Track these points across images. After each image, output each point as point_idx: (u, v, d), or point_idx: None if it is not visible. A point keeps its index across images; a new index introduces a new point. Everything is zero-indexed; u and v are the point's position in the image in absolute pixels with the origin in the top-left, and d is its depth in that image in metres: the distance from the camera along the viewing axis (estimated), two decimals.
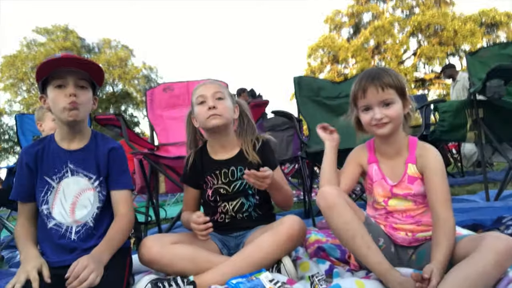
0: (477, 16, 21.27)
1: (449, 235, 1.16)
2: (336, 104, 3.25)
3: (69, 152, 1.41)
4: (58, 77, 1.33)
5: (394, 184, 1.33)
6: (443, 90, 22.63)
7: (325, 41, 24.06)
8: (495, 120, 2.84)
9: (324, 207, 1.26)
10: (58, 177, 1.39)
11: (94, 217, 1.40)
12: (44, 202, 1.38)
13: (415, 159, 1.31)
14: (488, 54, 3.13)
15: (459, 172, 5.22)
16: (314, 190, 4.71)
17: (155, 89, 3.18)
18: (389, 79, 1.28)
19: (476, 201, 2.81)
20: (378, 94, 1.28)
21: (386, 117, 1.28)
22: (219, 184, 1.65)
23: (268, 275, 1.31)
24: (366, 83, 1.29)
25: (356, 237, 1.20)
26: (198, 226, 1.43)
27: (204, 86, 1.66)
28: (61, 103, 1.33)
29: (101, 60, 22.53)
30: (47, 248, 1.36)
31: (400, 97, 1.29)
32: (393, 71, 1.33)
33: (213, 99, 1.61)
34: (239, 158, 1.66)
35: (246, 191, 1.64)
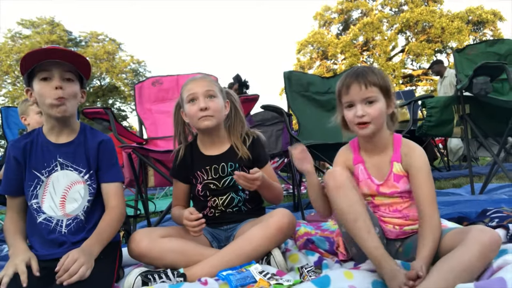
0: (464, 14, 21.53)
1: (434, 231, 1.18)
2: (325, 99, 3.27)
3: (58, 145, 1.40)
4: (43, 69, 1.31)
5: (380, 183, 1.34)
6: (430, 86, 22.91)
7: (315, 37, 24.09)
8: (481, 116, 2.90)
9: (332, 187, 1.25)
10: (47, 171, 1.37)
11: (85, 210, 1.39)
12: (33, 196, 1.36)
13: (400, 157, 1.32)
14: (475, 51, 3.19)
15: (445, 166, 5.31)
16: (303, 184, 4.75)
17: (144, 82, 3.16)
18: (374, 78, 1.28)
19: (462, 195, 2.87)
20: (361, 92, 1.27)
21: (368, 115, 1.27)
22: (208, 180, 1.64)
23: (258, 267, 1.32)
24: (350, 79, 1.30)
25: (358, 220, 1.20)
26: (190, 223, 1.43)
27: (195, 82, 1.62)
28: (47, 98, 1.31)
29: (88, 53, 22.18)
30: (36, 242, 1.35)
31: (384, 96, 1.29)
32: (379, 70, 1.33)
33: (205, 98, 1.58)
34: (229, 153, 1.66)
35: (236, 186, 1.63)
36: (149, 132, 2.99)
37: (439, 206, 2.12)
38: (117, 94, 24.19)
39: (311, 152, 2.52)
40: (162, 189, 5.80)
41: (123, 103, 24.76)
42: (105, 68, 22.60)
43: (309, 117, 3.16)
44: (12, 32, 21.28)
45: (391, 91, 1.31)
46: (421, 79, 23.85)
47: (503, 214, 1.62)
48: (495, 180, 3.53)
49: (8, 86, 21.57)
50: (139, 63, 24.48)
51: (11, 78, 21.32)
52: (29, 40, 21.23)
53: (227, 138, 1.70)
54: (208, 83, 1.61)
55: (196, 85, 1.60)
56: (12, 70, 20.81)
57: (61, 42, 21.57)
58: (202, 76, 1.67)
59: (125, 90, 23.93)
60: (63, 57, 1.32)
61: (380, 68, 1.41)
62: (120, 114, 24.07)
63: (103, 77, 23.65)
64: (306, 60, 24.67)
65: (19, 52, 20.41)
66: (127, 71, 23.99)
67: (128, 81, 23.88)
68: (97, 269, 1.22)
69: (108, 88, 23.88)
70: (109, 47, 23.09)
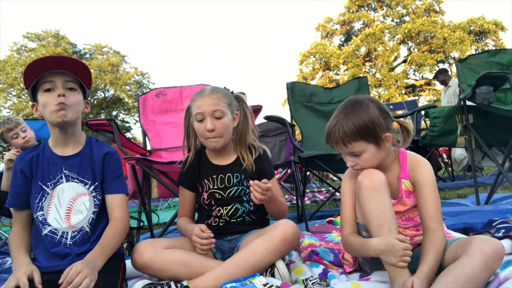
0: (466, 24, 21.66)
1: (437, 245, 1.17)
2: (328, 109, 3.28)
3: (63, 158, 1.40)
4: (46, 81, 1.33)
5: (394, 202, 1.32)
6: (433, 96, 22.92)
7: (317, 48, 24.27)
8: (485, 126, 2.89)
9: (367, 187, 1.21)
10: (53, 183, 1.38)
11: (90, 222, 1.38)
12: (39, 208, 1.36)
13: (407, 174, 1.30)
14: (477, 61, 3.19)
15: (450, 176, 5.28)
16: (307, 195, 4.74)
17: (148, 94, 3.18)
18: (351, 133, 1.22)
19: (467, 205, 2.85)
20: (342, 149, 1.28)
21: (358, 164, 1.27)
22: (214, 189, 1.64)
23: (262, 279, 1.31)
24: (329, 137, 1.28)
25: (383, 227, 1.16)
26: (200, 240, 1.42)
27: (203, 99, 1.58)
28: (49, 106, 1.32)
29: (92, 65, 22.41)
30: (40, 254, 1.34)
31: (372, 142, 1.23)
32: (360, 112, 1.23)
33: (212, 119, 1.55)
34: (236, 164, 1.66)
35: (241, 197, 1.63)
36: (153, 143, 3.00)
37: (444, 216, 2.12)
38: (121, 105, 24.37)
39: (315, 162, 2.52)
40: (166, 200, 5.80)
41: (127, 114, 24.93)
42: (109, 80, 22.81)
43: (312, 128, 3.16)
44: (17, 45, 21.58)
45: (379, 132, 1.23)
46: (423, 89, 23.88)
47: (509, 225, 1.60)
48: (501, 190, 3.51)
49: (13, 99, 21.79)
50: (143, 75, 24.71)
51: (16, 91, 21.54)
52: (35, 53, 21.51)
53: (233, 148, 1.70)
54: (215, 101, 1.57)
55: (204, 102, 1.57)
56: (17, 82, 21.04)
57: (66, 54, 21.82)
58: (211, 92, 1.60)
59: (129, 101, 24.11)
60: (63, 66, 1.33)
61: (366, 97, 1.33)
62: (124, 125, 24.21)
63: (107, 89, 23.86)
64: (309, 71, 24.81)
65: (25, 64, 20.66)
66: (131, 83, 24.20)
67: (132, 92, 24.07)
68: (101, 281, 1.22)
69: (112, 100, 24.07)
70: (113, 59, 23.35)
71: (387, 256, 1.12)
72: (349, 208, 1.35)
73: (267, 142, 4.77)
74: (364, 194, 1.21)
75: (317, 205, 3.78)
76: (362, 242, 1.22)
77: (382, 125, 1.23)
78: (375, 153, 1.25)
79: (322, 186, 6.47)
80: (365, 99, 1.27)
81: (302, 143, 3.08)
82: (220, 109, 1.56)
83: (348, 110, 1.25)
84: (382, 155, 1.28)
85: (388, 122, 1.26)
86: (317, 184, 6.86)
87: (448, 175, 5.42)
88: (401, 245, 1.10)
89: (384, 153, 1.28)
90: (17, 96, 21.73)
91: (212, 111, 1.55)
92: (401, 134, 1.34)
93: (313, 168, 3.23)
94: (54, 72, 1.33)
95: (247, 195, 1.63)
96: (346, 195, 1.37)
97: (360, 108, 1.24)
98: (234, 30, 51.49)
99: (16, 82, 21.03)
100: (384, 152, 1.28)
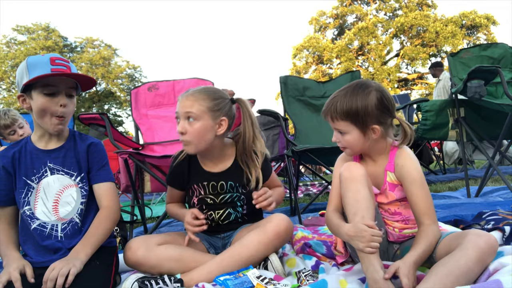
0: (458, 18, 21.75)
1: (429, 236, 1.18)
2: (321, 103, 3.29)
3: (47, 151, 1.39)
4: (49, 84, 1.31)
5: (378, 192, 1.35)
6: (425, 90, 23.06)
7: (310, 41, 24.23)
8: (476, 119, 2.92)
9: (346, 178, 1.24)
10: (37, 177, 1.37)
11: (79, 213, 1.38)
12: (25, 203, 1.35)
13: (393, 167, 1.31)
14: (469, 55, 3.21)
15: (441, 169, 5.33)
16: (300, 188, 4.75)
17: (140, 88, 3.16)
18: (341, 111, 1.26)
19: (458, 197, 2.88)
20: (332, 124, 1.32)
21: (340, 143, 1.33)
22: (206, 195, 1.57)
23: (255, 272, 1.32)
24: (323, 109, 1.34)
25: (357, 215, 1.17)
26: (192, 228, 1.43)
27: (182, 99, 1.48)
28: (49, 113, 1.32)
29: (83, 59, 22.18)
30: (30, 249, 1.34)
31: (358, 126, 1.26)
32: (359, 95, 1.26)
33: (184, 121, 1.45)
34: (231, 171, 1.56)
35: (234, 202, 1.57)
36: (145, 137, 2.98)
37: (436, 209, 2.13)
38: (113, 99, 24.17)
39: (308, 156, 2.53)
40: (159, 194, 5.78)
41: (119, 108, 24.75)
42: (100, 73, 22.59)
43: (305, 121, 3.17)
44: (7, 38, 21.25)
45: (367, 120, 1.25)
46: (416, 83, 24.01)
47: (498, 217, 1.63)
48: (491, 183, 3.55)
49: (3, 92, 21.51)
50: (135, 69, 24.51)
51: (6, 84, 21.26)
52: (24, 46, 21.20)
53: (230, 153, 1.58)
54: (191, 103, 1.44)
55: (180, 103, 1.47)
56: (7, 76, 20.75)
57: (56, 48, 21.57)
58: (193, 92, 1.48)
59: (121, 95, 23.93)
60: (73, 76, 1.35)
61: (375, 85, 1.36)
62: (116, 119, 24.03)
63: (99, 83, 23.62)
64: (302, 64, 24.79)
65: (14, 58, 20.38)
66: (123, 76, 23.99)
67: (124, 86, 23.88)
68: (93, 274, 1.22)
69: (104, 93, 23.85)
70: (105, 53, 23.12)
71: (354, 241, 1.13)
72: (336, 187, 1.37)
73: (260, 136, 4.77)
74: (343, 185, 1.25)
75: (310, 198, 3.80)
76: (338, 224, 1.25)
77: (374, 116, 1.24)
78: (358, 138, 1.28)
79: (315, 179, 6.50)
80: (371, 86, 1.28)
81: (295, 136, 3.09)
82: (193, 112, 1.43)
83: (349, 90, 1.29)
84: (365, 143, 1.29)
85: (384, 116, 1.27)
86: (310, 178, 6.88)
87: (439, 168, 5.47)
88: (369, 230, 1.10)
89: (368, 142, 1.29)
90: (7, 90, 21.46)
91: (185, 112, 1.45)
92: (401, 132, 1.33)
93: (306, 161, 3.24)
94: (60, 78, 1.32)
95: (241, 200, 1.57)
96: (336, 176, 1.39)
97: (361, 93, 1.26)
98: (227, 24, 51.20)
99: (6, 76, 20.74)
100: (368, 142, 1.29)
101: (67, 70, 1.33)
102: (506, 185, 2.66)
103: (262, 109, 2.72)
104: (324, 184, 4.28)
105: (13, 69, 20.71)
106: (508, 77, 3.07)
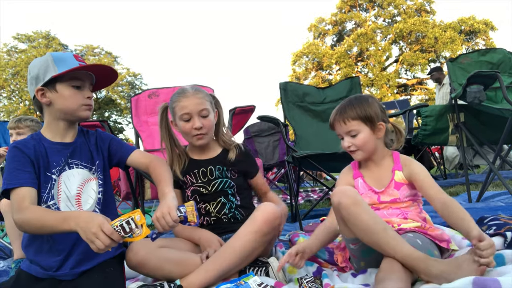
0: (456, 24, 21.87)
1: (463, 209, 1.23)
2: (321, 109, 3.29)
3: (64, 145, 1.39)
4: (77, 77, 1.35)
5: (380, 190, 1.41)
6: (425, 95, 23.11)
7: (310, 48, 24.34)
8: (476, 124, 2.92)
9: (350, 204, 1.22)
10: (58, 170, 1.35)
11: (98, 202, 1.39)
12: (49, 198, 1.31)
13: (401, 167, 1.41)
14: (468, 60, 3.22)
15: (442, 174, 5.32)
16: (301, 194, 4.75)
17: (140, 95, 3.17)
18: (352, 113, 1.40)
19: (459, 202, 2.87)
20: (342, 128, 1.42)
21: (353, 145, 1.41)
22: (198, 183, 1.67)
23: (256, 279, 1.31)
24: (333, 117, 1.45)
25: (387, 228, 1.18)
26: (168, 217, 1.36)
27: (188, 99, 1.62)
28: (77, 102, 1.35)
29: None
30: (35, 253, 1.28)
31: (368, 124, 1.40)
32: (361, 101, 1.42)
33: (199, 118, 1.61)
34: (219, 159, 1.71)
35: (225, 190, 1.66)
36: (146, 144, 2.99)
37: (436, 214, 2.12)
38: (114, 107, 24.24)
39: (308, 162, 2.53)
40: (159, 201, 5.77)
41: (120, 115, 24.81)
42: None
43: (305, 127, 3.18)
44: (8, 46, 21.36)
45: (374, 118, 1.40)
46: (415, 89, 24.07)
47: (500, 222, 1.62)
48: (492, 188, 3.54)
49: (3, 100, 21.56)
50: (135, 76, 24.61)
51: (6, 92, 21.32)
52: (25, 54, 21.30)
53: (216, 145, 1.76)
54: (200, 100, 1.62)
55: (190, 103, 1.61)
56: (8, 84, 20.83)
57: None
58: (194, 91, 1.65)
59: (122, 103, 24.00)
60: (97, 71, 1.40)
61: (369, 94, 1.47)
62: (116, 126, 24.08)
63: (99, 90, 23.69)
64: (302, 71, 24.88)
65: (15, 66, 20.46)
66: (123, 84, 24.08)
67: (124, 94, 23.96)
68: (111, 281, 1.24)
69: (104, 101, 23.93)
70: (105, 60, 23.22)
71: (455, 272, 1.09)
72: None
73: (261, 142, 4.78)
74: (350, 210, 1.22)
75: (310, 204, 3.79)
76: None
77: (379, 115, 1.41)
78: (370, 136, 1.40)
79: (316, 185, 6.49)
80: (366, 95, 1.46)
81: (296, 142, 3.09)
82: (206, 108, 1.63)
83: (352, 99, 1.44)
84: (375, 142, 1.42)
85: (384, 116, 1.43)
86: (311, 184, 6.88)
87: (440, 173, 5.46)
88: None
89: (377, 141, 1.42)
90: (7, 98, 21.51)
91: (199, 110, 1.61)
92: (395, 135, 1.49)
93: (306, 167, 3.24)
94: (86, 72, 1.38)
95: (231, 188, 1.67)
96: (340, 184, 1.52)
97: (364, 100, 1.43)
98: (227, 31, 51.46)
99: (7, 84, 20.81)
100: (377, 141, 1.42)
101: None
102: (507, 190, 2.65)
103: (262, 116, 2.72)
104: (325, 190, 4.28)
105: (14, 77, 20.80)
106: (507, 82, 3.08)
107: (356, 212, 1.21)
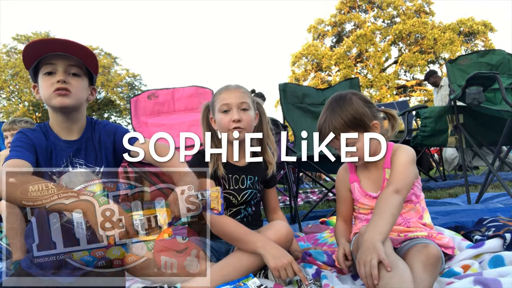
0: (456, 25, 21.88)
1: (390, 206, 1.21)
2: (320, 110, 3.25)
3: (69, 143, 1.35)
4: (47, 63, 1.28)
5: (376, 195, 1.38)
6: (424, 96, 23.12)
7: (309, 49, 24.33)
8: (475, 126, 2.93)
9: None
10: (58, 172, 1.31)
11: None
12: None
13: (389, 163, 1.37)
14: (467, 61, 3.22)
15: (441, 176, 5.32)
16: (300, 196, 4.74)
17: (140, 96, 3.17)
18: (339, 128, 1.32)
19: (458, 204, 2.88)
20: (336, 143, 1.34)
21: (356, 152, 1.33)
22: (229, 190, 1.61)
23: (255, 281, 1.31)
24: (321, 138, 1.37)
25: None
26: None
27: (229, 92, 1.61)
28: (48, 90, 1.27)
29: None
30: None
31: (361, 130, 1.32)
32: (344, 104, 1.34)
33: (238, 110, 1.57)
34: (251, 167, 1.64)
35: (249, 202, 1.64)
36: None
37: (436, 215, 2.14)
38: (113, 108, 24.20)
39: (307, 163, 2.53)
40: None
41: (119, 117, 24.76)
42: (100, 82, 22.63)
43: (304, 128, 3.17)
44: (7, 47, 21.33)
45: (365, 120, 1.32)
46: (415, 90, 24.07)
47: (499, 223, 1.62)
48: (491, 189, 3.54)
49: (3, 101, 21.53)
50: (135, 77, 24.57)
51: (6, 93, 21.28)
52: None
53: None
54: (242, 94, 1.60)
55: (230, 95, 1.59)
56: (7, 85, 20.79)
57: None
58: (236, 86, 1.64)
59: (121, 104, 23.95)
60: (66, 49, 1.28)
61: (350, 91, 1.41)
62: None
63: (99, 91, 23.67)
64: (301, 72, 24.86)
65: (14, 67, 20.43)
66: (123, 84, 24.04)
67: (123, 94, 23.92)
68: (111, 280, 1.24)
69: (104, 102, 23.89)
70: (105, 61, 23.17)
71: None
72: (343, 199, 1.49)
73: None
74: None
75: (310, 205, 3.78)
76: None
77: (368, 114, 1.33)
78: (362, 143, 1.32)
79: (315, 186, 6.48)
80: (347, 93, 1.37)
81: (295, 144, 3.09)
82: (247, 102, 1.59)
83: (334, 106, 1.35)
84: (375, 143, 1.33)
85: (373, 110, 1.36)
86: (310, 185, 6.87)
87: (439, 175, 5.46)
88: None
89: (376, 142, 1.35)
90: (6, 99, 21.47)
91: (239, 103, 1.57)
92: (388, 121, 1.41)
93: (306, 169, 3.24)
94: (57, 55, 1.27)
95: (255, 199, 1.65)
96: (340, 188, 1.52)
97: (345, 102, 1.33)
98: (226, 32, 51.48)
99: (6, 85, 20.77)
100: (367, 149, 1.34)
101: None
102: (506, 192, 2.65)
103: None
104: (324, 191, 4.27)
105: (13, 78, 20.76)
106: (506, 83, 3.08)
107: None
